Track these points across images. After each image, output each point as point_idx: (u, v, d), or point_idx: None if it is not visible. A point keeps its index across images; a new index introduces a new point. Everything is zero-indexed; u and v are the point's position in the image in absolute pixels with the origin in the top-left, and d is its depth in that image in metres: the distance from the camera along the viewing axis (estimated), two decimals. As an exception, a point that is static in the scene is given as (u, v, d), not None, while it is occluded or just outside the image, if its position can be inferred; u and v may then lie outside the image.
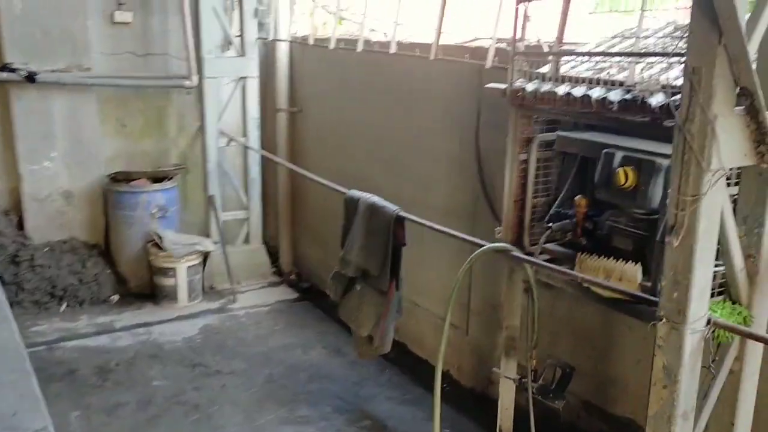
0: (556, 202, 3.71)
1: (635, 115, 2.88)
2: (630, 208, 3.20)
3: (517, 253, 3.32)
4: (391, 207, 4.16)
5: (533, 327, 3.56)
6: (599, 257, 3.25)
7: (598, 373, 4.05)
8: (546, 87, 3.28)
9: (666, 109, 2.73)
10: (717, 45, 2.06)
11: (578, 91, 3.11)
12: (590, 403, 4.18)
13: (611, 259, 3.21)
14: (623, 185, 3.04)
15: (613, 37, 3.58)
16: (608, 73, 3.19)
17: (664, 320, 2.33)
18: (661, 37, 3.42)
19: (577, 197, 3.47)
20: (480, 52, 4.54)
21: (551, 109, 3.26)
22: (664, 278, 2.34)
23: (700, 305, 2.29)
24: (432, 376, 5.56)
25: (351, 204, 4.52)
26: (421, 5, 5.35)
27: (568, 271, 3.12)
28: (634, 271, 3.08)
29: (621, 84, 2.96)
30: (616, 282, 3.08)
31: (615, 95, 2.95)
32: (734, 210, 2.63)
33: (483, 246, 3.40)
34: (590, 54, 3.19)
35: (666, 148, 3.04)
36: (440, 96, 5.04)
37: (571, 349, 4.20)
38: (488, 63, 3.92)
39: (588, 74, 3.26)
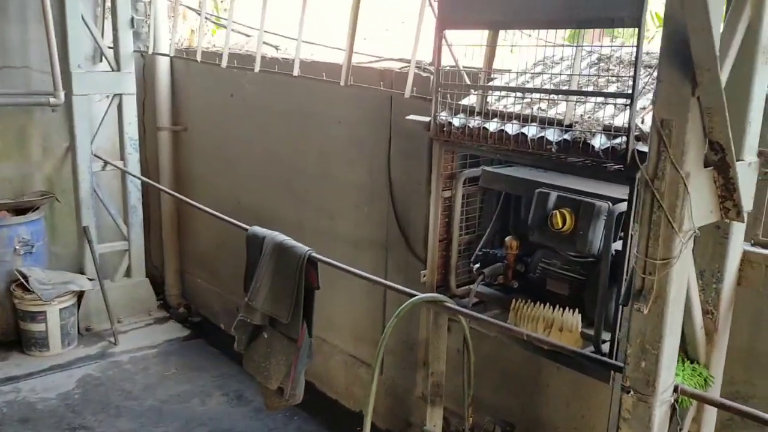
0: (482, 242, 3.50)
1: (576, 157, 2.68)
2: (567, 251, 3.03)
3: (451, 304, 3.05)
4: (302, 247, 3.76)
5: (469, 382, 3.30)
6: (534, 304, 3.05)
7: (526, 416, 3.87)
8: (475, 122, 3.03)
9: (610, 153, 2.56)
10: (690, 97, 1.88)
11: (512, 128, 2.88)
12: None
13: (547, 305, 3.02)
14: (561, 229, 2.85)
15: (535, 65, 3.40)
16: (539, 108, 2.99)
17: (631, 392, 2.13)
18: (588, 67, 3.30)
19: (508, 238, 3.27)
20: (390, 76, 4.25)
21: (480, 147, 3.02)
22: (630, 346, 2.13)
23: (668, 374, 2.11)
24: (345, 419, 5.26)
25: (254, 243, 4.06)
26: (324, 19, 4.99)
27: (512, 327, 2.88)
28: (574, 321, 2.90)
29: (559, 122, 2.76)
30: (557, 333, 2.88)
31: (553, 135, 2.75)
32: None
33: (415, 295, 3.10)
34: (524, 90, 2.97)
35: (604, 188, 2.89)
36: (348, 121, 4.70)
37: (495, 389, 4.00)
38: (407, 92, 3.63)
39: (517, 108, 3.04)
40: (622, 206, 2.72)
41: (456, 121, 3.09)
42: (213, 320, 6.59)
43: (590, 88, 2.96)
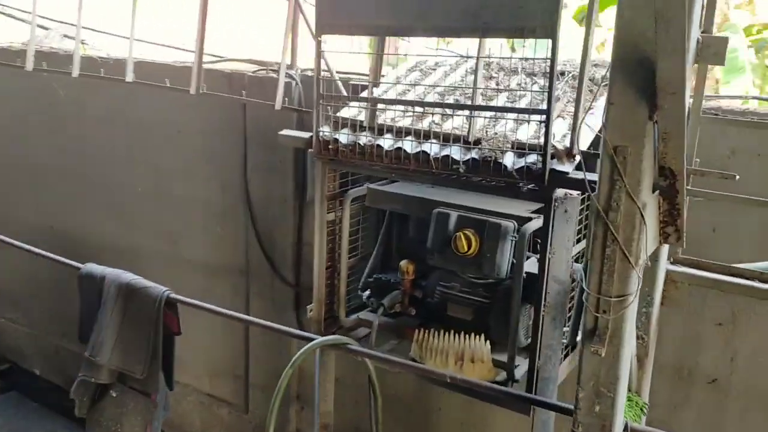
0: (368, 268, 3.19)
1: (486, 177, 2.47)
2: (472, 275, 2.83)
3: (357, 347, 2.70)
4: (156, 287, 3.18)
5: (377, 426, 2.98)
6: (437, 332, 2.81)
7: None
8: (366, 139, 2.70)
9: (525, 172, 2.37)
10: (647, 122, 1.72)
11: (410, 146, 2.60)
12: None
13: (451, 333, 2.79)
14: (465, 252, 2.64)
15: (411, 71, 3.16)
16: (433, 122, 2.74)
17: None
18: (466, 74, 3.11)
19: (404, 262, 2.99)
20: (241, 81, 3.77)
21: (374, 166, 2.70)
22: (582, 390, 1.96)
23: (620, 414, 1.97)
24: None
25: (90, 285, 3.38)
26: (147, 11, 4.32)
27: (435, 369, 2.61)
28: (485, 350, 2.71)
29: (461, 139, 2.53)
30: (470, 365, 2.67)
31: (458, 153, 2.51)
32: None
33: (314, 340, 2.70)
34: (423, 105, 2.68)
35: (506, 205, 2.72)
36: (193, 131, 4.13)
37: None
38: (278, 103, 3.19)
39: (406, 121, 2.76)
40: (533, 225, 2.56)
41: (343, 138, 2.74)
42: (26, 366, 5.60)
43: (480, 100, 2.77)
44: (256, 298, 4.08)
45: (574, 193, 2.37)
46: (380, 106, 2.70)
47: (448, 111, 2.66)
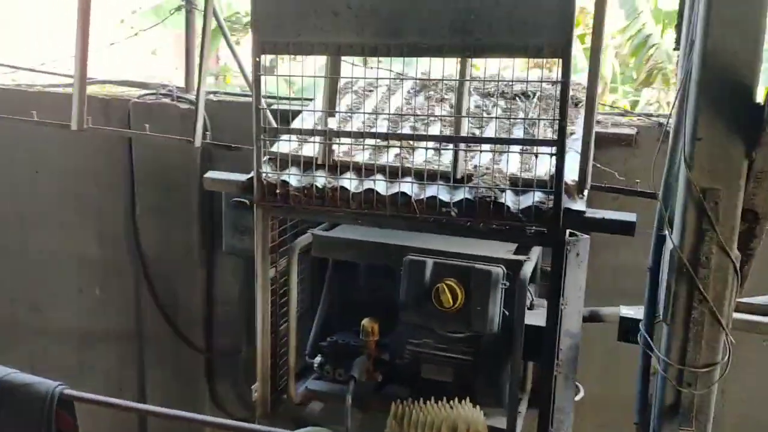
0: (315, 328, 2.69)
1: (484, 221, 2.09)
2: (457, 332, 2.43)
3: None
4: (44, 383, 2.43)
5: None
6: (417, 403, 2.39)
7: None
8: (323, 180, 2.21)
9: (533, 213, 2.03)
10: (743, 160, 1.44)
11: (383, 187, 2.16)
12: None
13: (433, 402, 2.38)
14: (451, 306, 2.24)
15: (343, 93, 2.71)
16: (399, 156, 2.31)
17: None
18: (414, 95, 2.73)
19: (366, 321, 2.52)
20: (124, 107, 3.07)
21: (336, 212, 2.22)
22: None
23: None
24: None
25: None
26: None
27: None
28: (479, 417, 2.33)
29: (445, 176, 2.14)
30: (466, 437, 2.27)
31: (445, 194, 2.12)
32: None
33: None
34: (407, 137, 2.23)
35: (481, 246, 2.36)
36: (58, 170, 3.33)
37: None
38: (197, 140, 2.54)
39: (360, 156, 2.32)
40: (528, 269, 2.23)
41: (293, 180, 2.23)
42: None
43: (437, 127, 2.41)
44: (154, 369, 3.38)
45: (585, 235, 2.08)
46: (346, 140, 2.22)
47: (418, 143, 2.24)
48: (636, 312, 2.17)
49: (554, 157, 1.96)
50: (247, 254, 3.01)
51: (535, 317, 2.30)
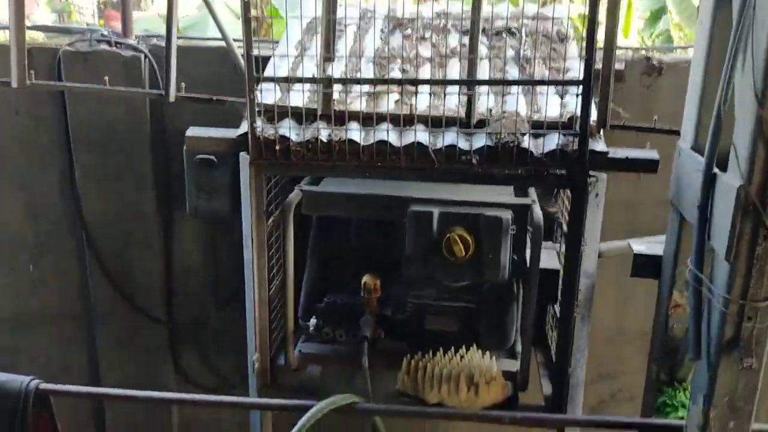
0: (305, 289, 2.54)
1: (507, 167, 2.01)
2: (467, 281, 2.37)
3: (366, 404, 2.07)
4: (16, 379, 2.12)
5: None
6: (423, 355, 2.33)
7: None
8: (326, 132, 2.03)
9: (558, 156, 1.97)
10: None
11: (398, 137, 2.02)
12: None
13: (440, 353, 2.33)
14: (463, 256, 2.17)
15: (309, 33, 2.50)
16: (401, 101, 2.16)
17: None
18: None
19: (368, 278, 2.41)
20: (49, 55, 2.65)
21: (344, 167, 2.05)
22: (714, 407, 1.69)
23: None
24: None
25: None
26: None
27: (486, 413, 2.09)
28: (493, 365, 2.31)
29: (460, 122, 2.03)
30: (485, 387, 2.25)
31: (463, 142, 2.01)
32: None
33: (316, 406, 1.97)
34: (423, 83, 2.04)
35: (479, 192, 2.28)
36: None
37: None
38: (172, 94, 2.22)
39: (356, 104, 2.14)
40: (538, 212, 2.18)
41: (293, 135, 2.03)
42: None
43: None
44: (108, 348, 3.08)
45: (603, 175, 2.05)
46: (366, 88, 2.04)
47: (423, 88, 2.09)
48: (647, 248, 2.21)
49: (580, 97, 1.90)
50: (215, 216, 2.77)
51: (547, 260, 2.29)
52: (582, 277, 2.11)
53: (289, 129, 2.03)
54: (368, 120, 2.08)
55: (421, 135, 2.01)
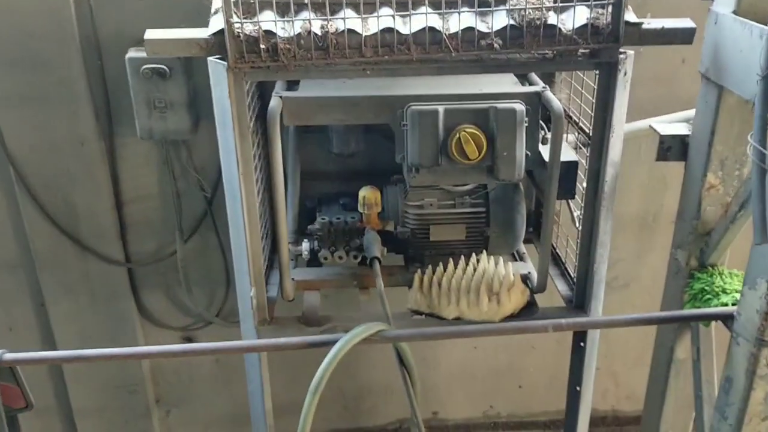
0: (290, 209, 2.26)
1: (534, 49, 1.75)
2: (479, 184, 2.16)
3: (392, 331, 1.85)
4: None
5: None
6: (434, 269, 2.14)
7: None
8: (320, 25, 1.70)
9: (590, 32, 1.73)
10: None
11: (406, 24, 1.71)
12: None
13: (449, 265, 2.15)
14: (478, 157, 1.94)
15: None
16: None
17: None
18: None
19: (366, 191, 2.16)
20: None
21: (343, 65, 1.74)
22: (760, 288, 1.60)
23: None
24: None
25: None
26: None
27: (530, 323, 1.91)
28: (510, 270, 2.15)
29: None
30: (506, 295, 2.09)
31: (481, 24, 1.73)
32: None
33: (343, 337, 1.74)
34: None
35: (486, 84, 2.03)
36: None
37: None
38: None
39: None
40: (555, 99, 1.96)
41: (279, 29, 1.68)
42: None
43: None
44: (59, 298, 2.71)
45: (631, 51, 1.83)
46: None
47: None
48: (672, 128, 2.06)
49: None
50: (173, 138, 2.40)
51: (564, 152, 2.09)
52: (608, 167, 1.93)
53: (274, 23, 1.68)
54: (367, 6, 1.75)
55: (432, 19, 1.71)
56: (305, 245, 2.22)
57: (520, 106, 1.92)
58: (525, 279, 2.22)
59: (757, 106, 1.54)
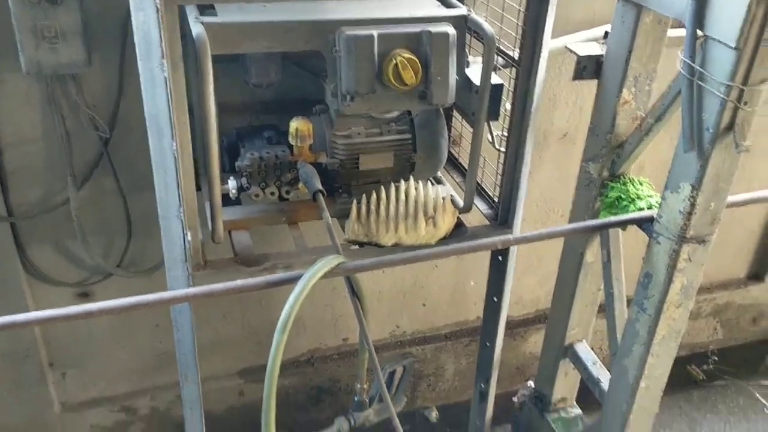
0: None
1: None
2: (414, 110, 2.14)
3: (352, 262, 1.80)
4: None
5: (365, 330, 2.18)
6: (372, 199, 2.13)
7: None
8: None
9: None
10: None
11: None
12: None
13: (385, 193, 2.15)
14: (415, 82, 1.94)
15: None
16: None
17: (693, 241, 1.85)
18: None
19: (296, 122, 2.07)
20: None
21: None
22: (702, 193, 1.77)
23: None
24: None
25: None
26: None
27: (458, 245, 1.94)
28: (439, 193, 2.20)
29: None
30: (441, 217, 2.15)
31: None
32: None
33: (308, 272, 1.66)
34: None
35: (411, 8, 2.01)
36: None
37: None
38: None
39: None
40: (483, 21, 1.99)
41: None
42: None
43: None
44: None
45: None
46: None
47: None
48: (588, 48, 2.17)
49: None
50: (65, 71, 2.11)
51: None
52: (536, 87, 2.02)
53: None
54: None
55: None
56: (232, 183, 2.10)
57: (452, 30, 1.93)
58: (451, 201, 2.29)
59: (687, 24, 1.67)
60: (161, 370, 3.01)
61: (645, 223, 1.98)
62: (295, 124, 2.05)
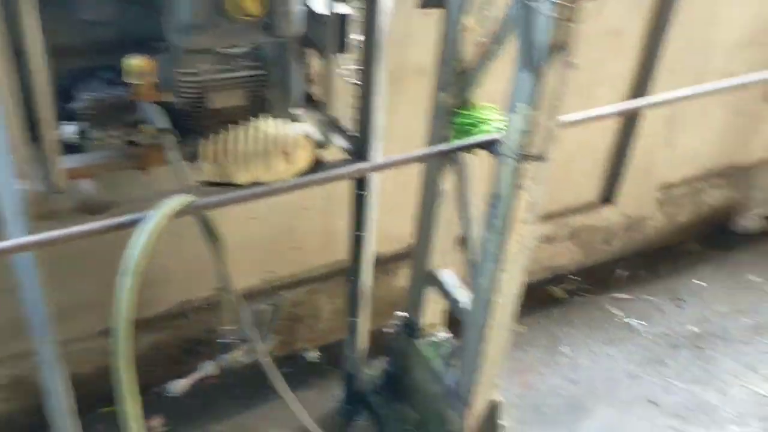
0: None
1: None
2: (258, 42, 2.07)
3: (203, 199, 1.73)
4: None
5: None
6: (224, 136, 2.08)
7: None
8: None
9: None
10: None
11: None
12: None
13: (234, 131, 2.10)
14: (260, 13, 1.90)
15: None
16: None
17: (539, 159, 1.95)
18: None
19: (136, 60, 1.97)
20: None
21: None
22: (539, 111, 1.86)
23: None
24: None
25: None
26: None
27: (311, 177, 1.92)
28: (299, 133, 2.18)
29: None
30: (298, 153, 2.14)
31: None
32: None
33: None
34: None
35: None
36: None
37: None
38: None
39: None
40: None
41: None
42: None
43: None
44: None
45: None
46: None
47: None
48: (429, -22, 2.19)
49: None
50: None
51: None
52: (384, 17, 2.03)
53: None
54: None
55: None
56: (71, 128, 1.97)
57: (289, -43, 1.90)
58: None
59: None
60: (17, 337, 2.82)
61: (491, 146, 2.08)
62: (132, 62, 1.93)
